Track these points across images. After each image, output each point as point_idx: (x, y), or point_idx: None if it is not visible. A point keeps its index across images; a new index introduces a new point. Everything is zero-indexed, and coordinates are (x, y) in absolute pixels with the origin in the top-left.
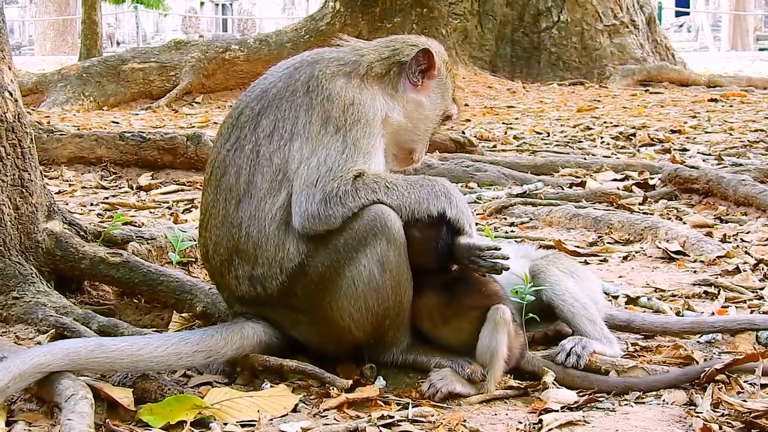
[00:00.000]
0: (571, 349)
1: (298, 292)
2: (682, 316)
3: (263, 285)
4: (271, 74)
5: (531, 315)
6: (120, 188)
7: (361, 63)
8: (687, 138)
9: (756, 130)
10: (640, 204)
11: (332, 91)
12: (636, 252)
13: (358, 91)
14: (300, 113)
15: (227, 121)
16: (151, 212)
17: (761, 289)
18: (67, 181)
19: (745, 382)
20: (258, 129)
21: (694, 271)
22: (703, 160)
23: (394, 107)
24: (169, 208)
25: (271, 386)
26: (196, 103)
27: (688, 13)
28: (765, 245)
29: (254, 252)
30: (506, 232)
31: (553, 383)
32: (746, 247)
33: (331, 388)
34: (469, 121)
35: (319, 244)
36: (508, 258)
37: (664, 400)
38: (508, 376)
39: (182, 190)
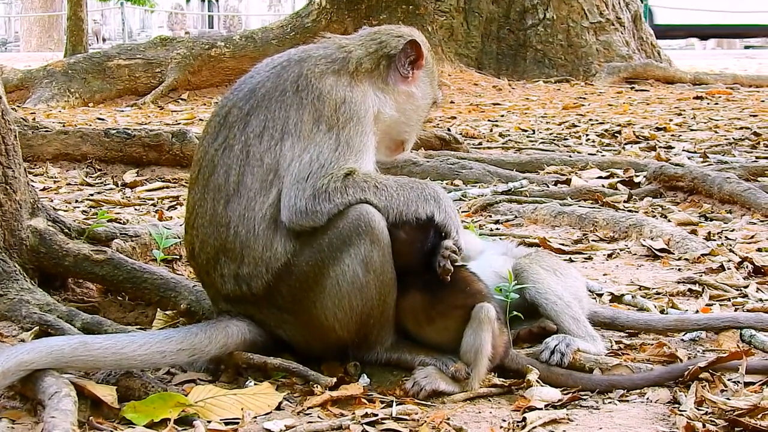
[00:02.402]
0: (555, 347)
1: (284, 291)
2: (666, 314)
3: (249, 284)
4: (257, 73)
5: (515, 313)
6: (105, 185)
7: (349, 59)
8: (672, 136)
9: (741, 128)
10: (625, 202)
11: (322, 90)
12: (621, 250)
13: (349, 89)
14: (290, 112)
15: (214, 120)
16: (136, 209)
17: (745, 287)
18: (52, 177)
19: (728, 380)
20: (248, 129)
21: (679, 269)
22: (689, 158)
23: (386, 101)
24: (154, 205)
25: (255, 384)
26: (182, 99)
27: None
28: (749, 243)
29: (241, 251)
30: (491, 230)
31: (537, 381)
32: (731, 245)
33: (315, 386)
34: (454, 118)
35: (304, 243)
36: (456, 261)
37: (648, 398)
38: (492, 374)
39: (167, 187)
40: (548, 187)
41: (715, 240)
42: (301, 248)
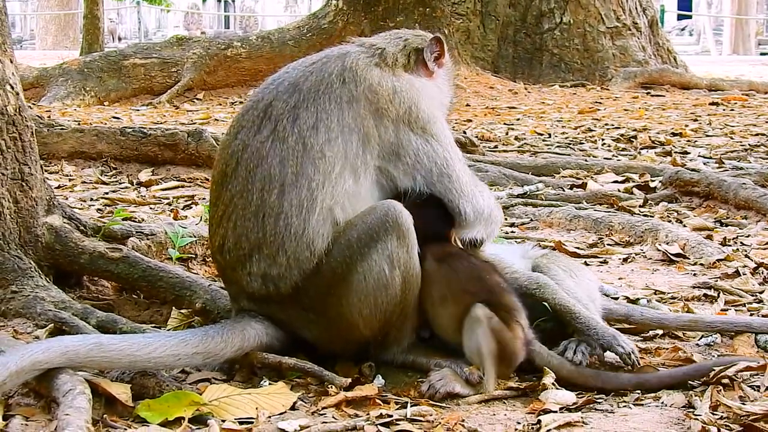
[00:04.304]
0: (576, 347)
1: (311, 290)
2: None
3: (276, 284)
4: (293, 69)
5: (543, 318)
6: (120, 183)
7: (386, 54)
8: (688, 141)
9: (757, 134)
10: (640, 206)
11: (372, 81)
12: (636, 254)
13: (396, 79)
14: (343, 105)
15: (250, 114)
16: (151, 208)
17: (761, 292)
18: (68, 175)
19: (743, 382)
20: (299, 121)
21: (694, 274)
22: (704, 164)
23: (425, 90)
24: (169, 204)
25: (269, 384)
26: (197, 99)
27: (690, 17)
28: (765, 249)
29: (278, 249)
30: (506, 233)
31: (552, 384)
32: (746, 251)
33: (329, 386)
34: (470, 121)
35: (335, 241)
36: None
37: (662, 402)
38: (514, 375)
39: (183, 186)
40: (564, 190)
41: (730, 245)
42: (332, 245)
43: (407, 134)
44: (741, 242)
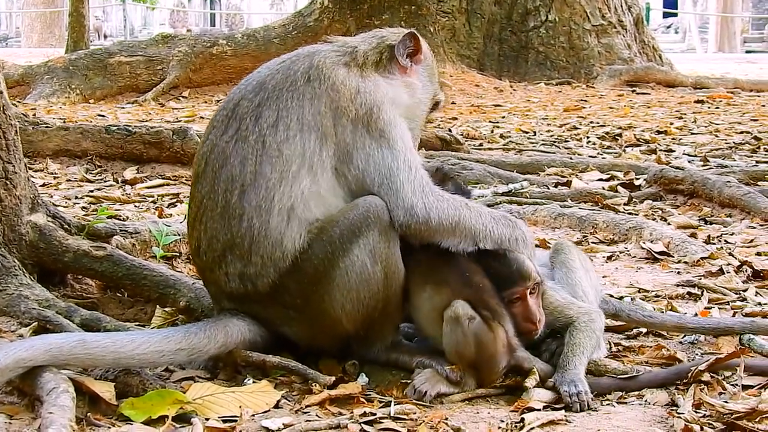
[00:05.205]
0: (556, 350)
1: (291, 287)
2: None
3: (254, 283)
4: (265, 68)
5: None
6: (105, 182)
7: (356, 52)
8: (673, 139)
9: (742, 132)
10: (625, 204)
11: (336, 80)
12: (620, 252)
13: (361, 79)
14: (304, 102)
15: (221, 114)
16: (136, 206)
17: (744, 290)
18: (52, 173)
19: (725, 379)
20: (260, 120)
21: (678, 272)
22: (689, 162)
23: (394, 92)
24: (154, 202)
25: (253, 382)
26: (183, 97)
27: (675, 15)
28: (749, 247)
29: (249, 248)
30: None
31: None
32: (730, 249)
33: (313, 384)
34: (455, 119)
35: (315, 238)
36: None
37: (646, 401)
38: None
39: (167, 185)
40: (548, 188)
41: (714, 243)
42: (311, 243)
43: (363, 136)
44: (725, 240)
